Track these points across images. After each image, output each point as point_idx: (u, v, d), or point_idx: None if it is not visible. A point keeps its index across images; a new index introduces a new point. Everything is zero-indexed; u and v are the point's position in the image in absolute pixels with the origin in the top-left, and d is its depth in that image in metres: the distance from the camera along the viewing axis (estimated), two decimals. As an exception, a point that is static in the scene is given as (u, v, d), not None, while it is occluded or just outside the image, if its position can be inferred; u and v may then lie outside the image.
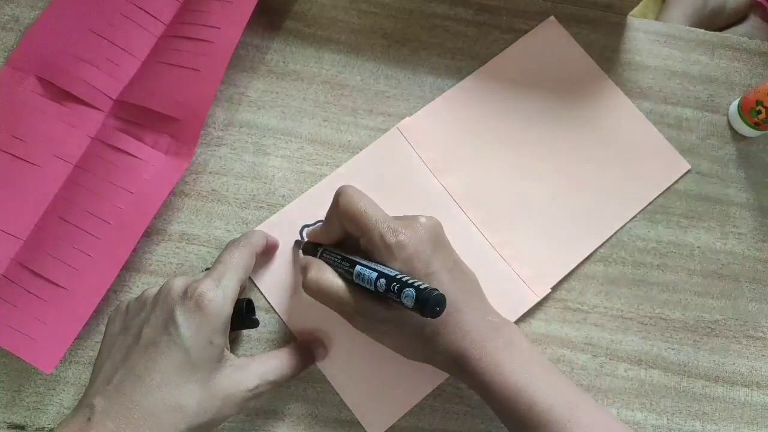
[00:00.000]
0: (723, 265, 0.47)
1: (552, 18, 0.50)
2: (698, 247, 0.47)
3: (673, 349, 0.45)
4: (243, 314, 0.39)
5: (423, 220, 0.36)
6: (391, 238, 0.34)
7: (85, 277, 0.41)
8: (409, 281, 0.32)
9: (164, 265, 0.44)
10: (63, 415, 0.41)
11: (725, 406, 0.44)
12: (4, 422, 0.41)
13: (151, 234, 0.44)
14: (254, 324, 0.41)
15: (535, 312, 0.45)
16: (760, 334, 0.45)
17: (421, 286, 0.32)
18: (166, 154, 0.44)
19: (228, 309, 0.35)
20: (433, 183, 0.46)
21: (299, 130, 0.47)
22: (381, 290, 0.33)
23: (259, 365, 0.36)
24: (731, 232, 0.47)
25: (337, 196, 0.37)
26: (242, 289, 0.39)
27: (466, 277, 0.38)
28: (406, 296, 0.32)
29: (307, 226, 0.44)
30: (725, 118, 0.49)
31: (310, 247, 0.41)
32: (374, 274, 0.34)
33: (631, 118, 0.48)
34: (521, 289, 0.44)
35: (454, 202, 0.46)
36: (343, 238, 0.39)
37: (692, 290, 0.46)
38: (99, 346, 0.37)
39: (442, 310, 0.32)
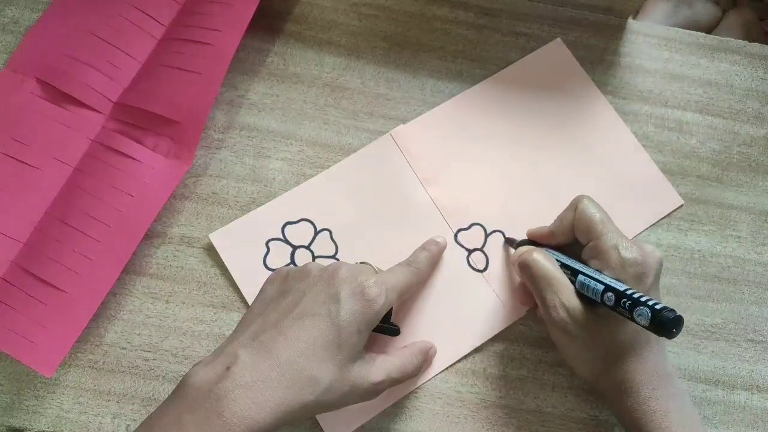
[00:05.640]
0: (723, 268, 0.47)
1: (558, 40, 0.50)
2: (698, 250, 0.47)
3: (673, 352, 0.45)
4: (388, 320, 0.40)
5: (652, 248, 0.38)
6: (626, 253, 0.36)
7: (85, 280, 0.41)
8: (642, 298, 0.33)
9: (164, 267, 0.44)
10: (63, 419, 0.41)
11: (725, 410, 0.44)
12: (4, 426, 0.41)
13: (151, 237, 0.44)
14: (394, 332, 0.40)
15: (536, 318, 0.44)
16: (761, 338, 0.45)
17: (657, 306, 0.32)
18: (167, 157, 0.44)
19: (384, 310, 0.36)
20: (420, 192, 0.46)
21: (299, 133, 0.47)
22: (609, 304, 0.34)
23: (384, 362, 0.37)
24: (731, 235, 0.47)
25: (577, 202, 0.40)
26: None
27: None
28: (639, 314, 0.32)
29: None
30: (725, 121, 0.50)
31: (527, 245, 0.42)
32: (600, 287, 0.35)
33: (630, 149, 0.48)
34: (496, 304, 0.44)
35: (439, 213, 0.46)
36: (565, 244, 0.41)
37: (692, 293, 0.46)
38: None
39: (678, 332, 0.32)
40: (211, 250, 0.44)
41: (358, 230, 0.45)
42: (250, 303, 0.43)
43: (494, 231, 0.46)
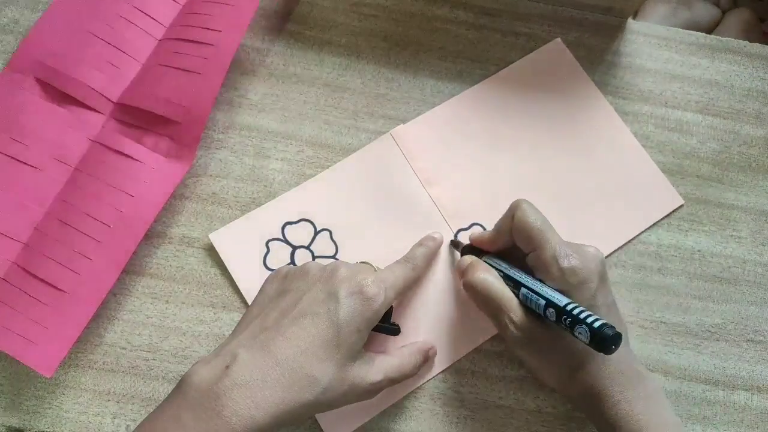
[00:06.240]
0: (723, 268, 0.47)
1: (558, 40, 0.50)
2: (698, 250, 0.47)
3: (674, 353, 0.45)
4: (388, 319, 0.40)
5: (593, 250, 0.37)
6: (565, 262, 0.36)
7: (85, 281, 0.41)
8: (581, 315, 0.33)
9: (164, 268, 0.44)
10: (63, 419, 0.41)
11: (725, 410, 0.44)
12: (3, 426, 0.41)
13: (151, 237, 0.44)
14: (395, 331, 0.40)
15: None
16: (761, 338, 0.45)
17: (595, 324, 0.32)
18: (167, 157, 0.44)
19: (383, 309, 0.36)
20: (421, 193, 0.46)
21: (300, 133, 0.47)
22: (551, 319, 0.34)
23: (383, 362, 0.37)
24: (731, 235, 0.47)
25: (514, 208, 0.38)
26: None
27: (618, 318, 0.39)
28: (579, 332, 0.33)
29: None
30: (725, 121, 0.50)
31: (470, 251, 0.42)
32: (542, 302, 0.35)
33: (630, 149, 0.48)
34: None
35: (439, 213, 0.45)
36: (507, 249, 0.40)
37: (693, 294, 0.46)
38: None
39: (617, 348, 0.32)
40: (211, 250, 0.44)
41: (358, 230, 0.45)
42: (250, 303, 0.43)
43: (494, 231, 0.46)
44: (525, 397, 0.43)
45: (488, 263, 0.40)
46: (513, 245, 0.39)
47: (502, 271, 0.39)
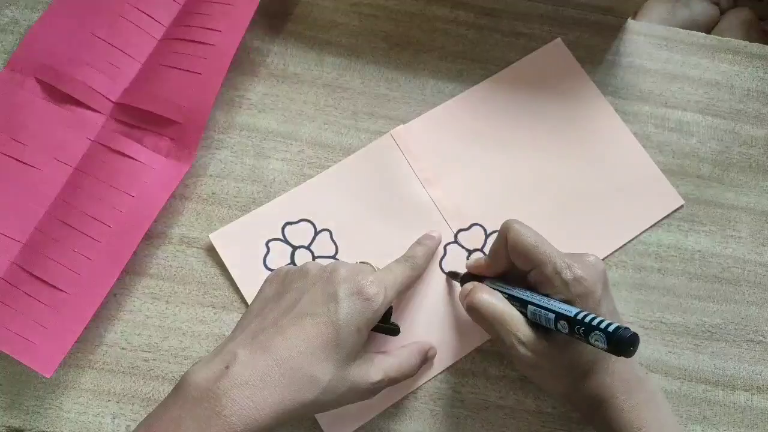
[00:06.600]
0: (723, 269, 0.47)
1: (558, 40, 0.50)
2: (699, 251, 0.47)
3: (674, 353, 0.45)
4: (388, 319, 0.40)
5: (593, 259, 0.37)
6: (567, 274, 0.36)
7: (85, 281, 0.41)
8: (594, 322, 0.33)
9: (164, 268, 0.44)
10: (63, 419, 0.41)
11: (725, 411, 0.44)
12: (3, 426, 0.41)
13: (151, 237, 0.44)
14: (395, 332, 0.40)
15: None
16: (761, 338, 0.45)
17: (610, 328, 0.32)
18: (167, 157, 0.44)
19: (383, 309, 0.36)
20: (421, 193, 0.46)
21: (300, 133, 0.47)
22: (564, 332, 0.34)
23: (382, 361, 0.37)
24: (732, 236, 0.47)
25: (505, 231, 0.38)
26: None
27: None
28: (595, 339, 0.33)
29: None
30: (725, 121, 0.50)
31: (470, 279, 0.41)
32: (552, 315, 0.35)
33: (630, 149, 0.48)
34: None
35: (439, 213, 0.45)
36: (506, 272, 0.40)
37: (693, 294, 0.46)
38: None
39: (635, 350, 0.32)
40: (211, 250, 0.44)
41: (358, 230, 0.45)
42: (250, 303, 0.43)
43: (494, 231, 0.46)
44: (525, 397, 0.43)
45: (490, 287, 0.39)
46: (510, 266, 0.39)
47: (505, 293, 0.38)
